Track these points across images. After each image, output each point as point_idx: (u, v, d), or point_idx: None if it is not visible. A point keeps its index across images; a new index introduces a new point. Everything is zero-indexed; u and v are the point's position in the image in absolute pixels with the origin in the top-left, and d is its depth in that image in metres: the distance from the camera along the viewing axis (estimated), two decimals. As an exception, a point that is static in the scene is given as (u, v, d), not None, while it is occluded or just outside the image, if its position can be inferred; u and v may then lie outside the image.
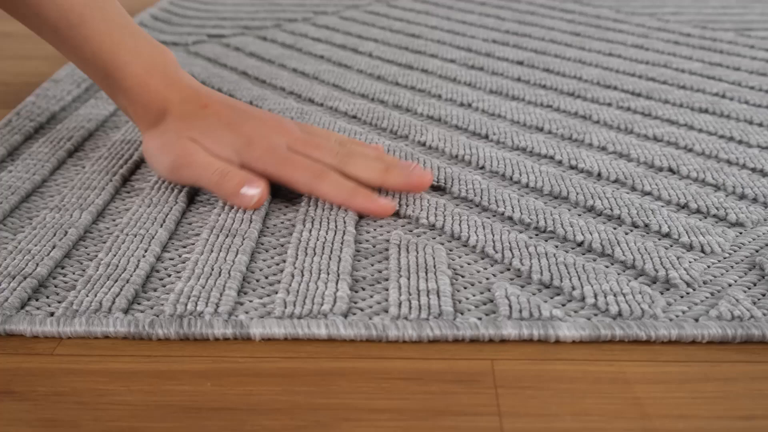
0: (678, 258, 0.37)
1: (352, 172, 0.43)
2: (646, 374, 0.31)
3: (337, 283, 0.35)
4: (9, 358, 0.32)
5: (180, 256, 0.39)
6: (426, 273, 0.36)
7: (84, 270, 0.37)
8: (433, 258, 0.37)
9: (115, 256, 0.38)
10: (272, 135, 0.44)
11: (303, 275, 0.36)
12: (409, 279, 0.36)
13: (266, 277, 0.37)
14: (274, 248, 0.39)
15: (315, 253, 0.38)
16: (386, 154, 0.47)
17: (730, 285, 0.36)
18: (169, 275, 0.37)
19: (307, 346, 0.32)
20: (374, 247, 0.39)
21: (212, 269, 0.36)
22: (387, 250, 0.39)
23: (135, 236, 0.39)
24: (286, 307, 0.34)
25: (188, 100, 0.45)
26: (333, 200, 0.42)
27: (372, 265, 0.38)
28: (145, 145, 0.46)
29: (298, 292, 0.35)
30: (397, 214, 0.42)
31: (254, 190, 0.42)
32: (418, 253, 0.38)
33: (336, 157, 0.44)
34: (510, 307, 0.34)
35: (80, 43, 0.45)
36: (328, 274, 0.36)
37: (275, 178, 0.43)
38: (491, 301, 0.35)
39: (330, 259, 0.37)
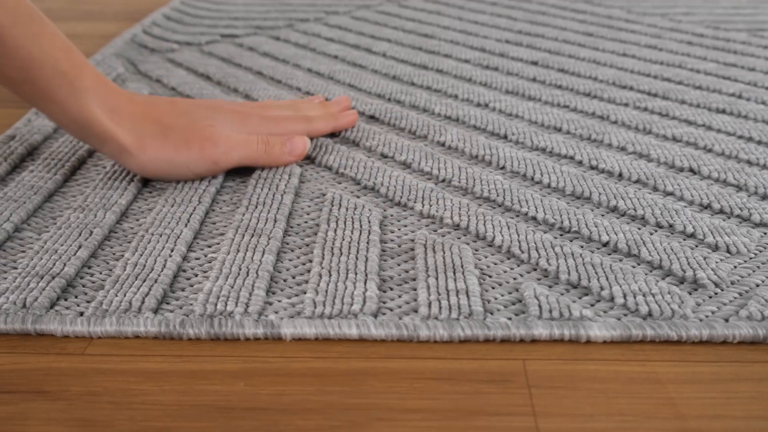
0: (705, 258, 0.37)
1: (312, 113, 0.52)
2: (678, 374, 0.31)
3: (365, 283, 0.35)
4: (40, 357, 0.32)
5: (206, 256, 0.39)
6: (454, 273, 0.36)
7: (111, 270, 0.37)
8: (460, 258, 0.37)
9: (141, 255, 0.38)
10: (239, 107, 0.49)
11: (331, 275, 0.36)
12: (437, 279, 0.36)
13: (293, 277, 0.37)
14: (300, 248, 0.39)
15: (342, 253, 0.38)
16: (304, 100, 0.55)
17: (757, 285, 0.36)
18: (196, 275, 0.37)
19: (337, 346, 0.32)
20: (399, 246, 0.39)
21: (240, 269, 0.36)
22: (413, 249, 0.39)
23: (160, 236, 0.39)
24: (316, 307, 0.34)
25: (155, 101, 0.47)
26: (325, 129, 0.52)
27: (398, 265, 0.38)
28: (150, 165, 0.44)
29: (327, 292, 0.35)
30: (420, 214, 0.42)
31: (299, 141, 0.48)
32: (444, 253, 0.38)
33: (299, 114, 0.51)
34: (540, 307, 0.34)
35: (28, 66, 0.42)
36: (356, 274, 0.36)
37: (278, 132, 0.49)
38: (520, 301, 0.35)
39: (357, 258, 0.37)
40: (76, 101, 0.42)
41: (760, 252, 0.39)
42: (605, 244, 0.39)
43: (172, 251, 0.38)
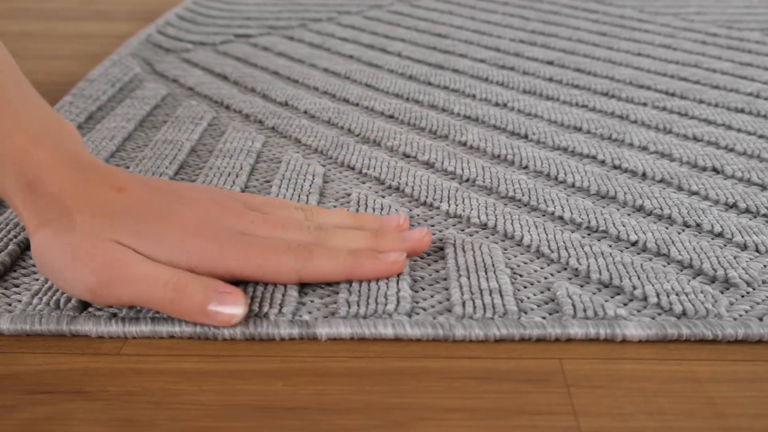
0: (735, 257, 0.37)
1: (338, 244, 0.36)
2: (715, 373, 0.31)
3: (398, 283, 0.35)
4: (77, 358, 0.32)
5: (235, 256, 0.38)
6: (486, 272, 0.36)
7: (141, 270, 0.37)
8: (491, 257, 0.37)
9: (171, 255, 0.38)
10: (221, 219, 0.35)
11: (362, 275, 0.36)
12: (469, 278, 0.36)
13: (324, 277, 0.37)
14: (328, 248, 0.39)
15: (371, 253, 0.38)
16: (354, 213, 0.40)
17: (789, 284, 0.36)
18: (227, 275, 0.37)
19: (373, 346, 0.32)
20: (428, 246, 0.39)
21: (271, 269, 0.36)
22: (442, 249, 0.39)
23: (189, 236, 0.39)
24: (350, 307, 0.34)
25: (95, 181, 0.34)
26: (334, 276, 0.35)
27: (428, 265, 0.38)
28: (39, 253, 0.33)
29: (359, 292, 0.35)
30: (446, 213, 0.42)
31: (231, 307, 0.32)
32: (474, 252, 0.38)
33: (311, 234, 0.36)
34: (573, 306, 0.34)
35: None
36: (388, 273, 0.36)
37: (249, 276, 0.34)
38: (552, 300, 0.35)
39: (387, 258, 0.37)
40: None
41: (789, 251, 0.39)
42: (634, 244, 0.39)
43: (201, 251, 0.38)
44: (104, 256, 0.32)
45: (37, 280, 0.36)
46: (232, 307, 0.32)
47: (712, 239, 0.40)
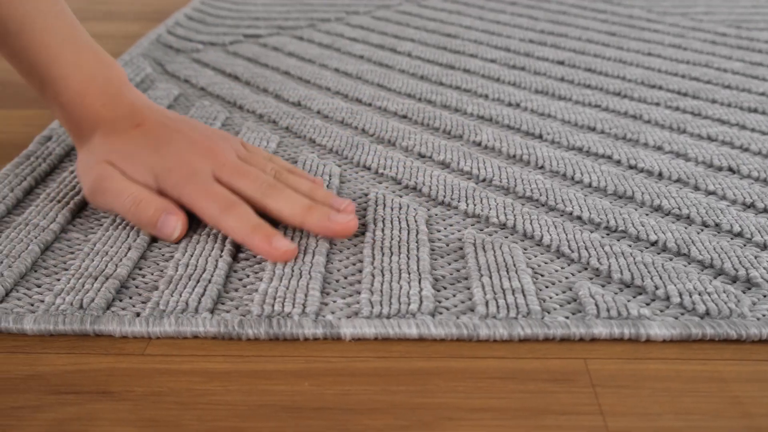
0: (756, 257, 0.37)
1: (271, 205, 0.40)
2: (741, 373, 0.31)
3: (420, 282, 0.35)
4: (101, 358, 0.32)
5: (254, 257, 0.38)
6: (507, 272, 0.36)
7: (162, 270, 0.37)
8: (511, 257, 0.37)
9: (192, 256, 0.38)
10: (197, 159, 0.41)
11: (384, 275, 0.36)
12: (491, 278, 0.36)
13: (345, 278, 0.37)
14: (348, 248, 0.39)
15: (392, 253, 0.38)
16: (323, 189, 0.42)
17: (810, 284, 0.36)
18: (248, 275, 0.37)
19: (397, 346, 0.32)
20: (448, 246, 0.39)
21: (292, 270, 0.36)
22: (461, 249, 0.39)
23: (208, 236, 0.39)
24: (373, 307, 0.34)
25: (122, 118, 0.43)
26: (233, 236, 0.39)
27: (449, 264, 0.38)
28: (77, 164, 0.44)
29: (382, 291, 0.35)
30: (465, 213, 0.43)
31: (172, 222, 0.39)
32: (495, 252, 0.38)
33: (260, 188, 0.40)
34: (597, 306, 0.34)
35: (18, 52, 0.42)
36: (409, 273, 0.36)
37: (188, 208, 0.40)
38: (574, 300, 0.35)
39: (408, 258, 0.37)
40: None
41: (809, 251, 0.39)
42: (654, 244, 0.39)
43: (221, 251, 0.38)
44: (97, 171, 0.41)
45: (58, 280, 0.36)
46: (172, 221, 0.39)
47: (732, 239, 0.40)
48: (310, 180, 0.43)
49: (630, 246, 0.39)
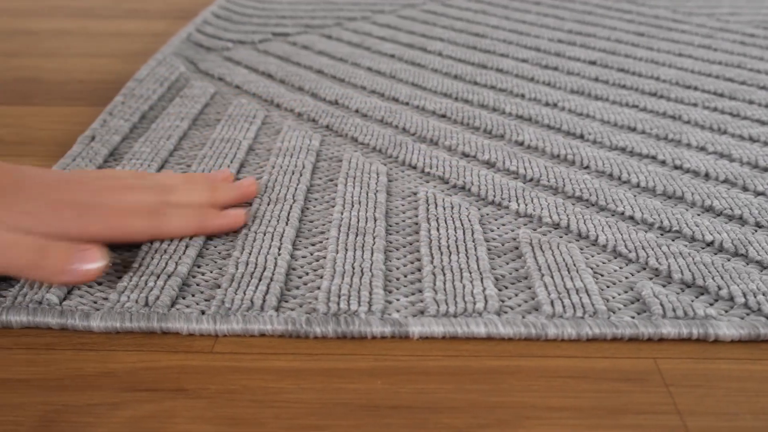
0: (815, 258, 0.37)
1: (182, 199, 0.39)
2: (812, 373, 0.31)
3: (482, 282, 0.35)
4: (170, 356, 0.32)
5: (312, 254, 0.39)
6: (568, 272, 0.36)
7: (221, 268, 0.37)
8: (570, 257, 0.37)
9: (250, 254, 0.38)
10: (77, 193, 0.37)
11: (445, 274, 0.36)
12: (552, 277, 0.36)
13: (405, 276, 0.37)
14: (404, 246, 0.39)
15: (450, 252, 0.38)
16: (183, 174, 0.43)
17: None
18: (307, 273, 0.37)
19: (465, 345, 0.33)
20: (503, 245, 0.39)
21: (353, 268, 0.36)
22: (517, 248, 0.39)
23: (264, 234, 0.39)
24: (439, 306, 0.34)
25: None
26: (185, 232, 0.38)
27: (507, 264, 0.38)
28: None
29: (445, 290, 0.35)
30: (516, 213, 0.43)
31: (91, 263, 0.34)
32: (553, 251, 0.38)
33: (155, 193, 0.39)
34: (662, 306, 0.34)
35: None
36: (470, 272, 0.36)
37: (105, 237, 0.36)
38: (637, 300, 0.35)
39: (468, 257, 0.37)
40: None
41: None
42: (710, 244, 0.39)
43: (279, 249, 0.38)
44: None
45: (119, 278, 0.36)
46: (92, 263, 0.34)
47: (787, 239, 0.40)
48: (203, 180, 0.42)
49: (686, 246, 0.39)
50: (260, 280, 0.35)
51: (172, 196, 0.39)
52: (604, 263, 0.38)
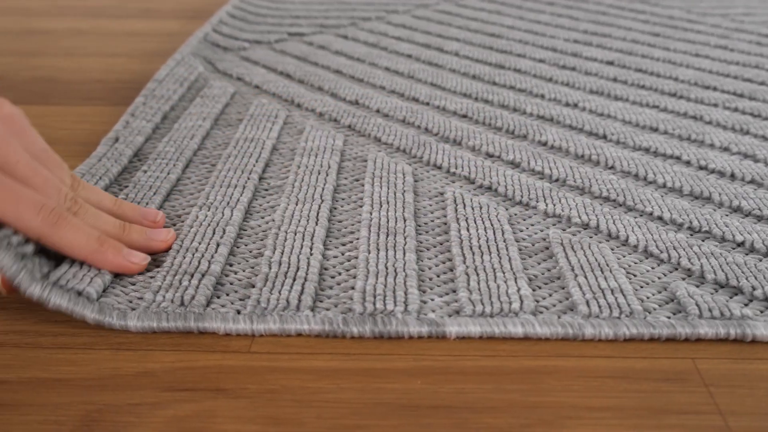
0: None
1: (88, 218, 0.37)
2: None
3: (516, 282, 0.35)
4: (208, 355, 0.32)
5: (343, 254, 0.39)
6: (602, 272, 0.36)
7: (253, 267, 0.37)
8: (603, 257, 0.37)
9: (282, 254, 0.38)
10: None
11: (478, 274, 0.36)
12: (586, 278, 0.36)
13: (437, 276, 0.37)
14: (434, 246, 0.39)
15: (482, 252, 0.38)
16: (116, 199, 0.40)
17: None
18: (340, 273, 0.37)
19: (502, 345, 0.32)
20: (533, 245, 0.39)
21: (386, 268, 0.36)
22: (547, 248, 0.39)
23: (295, 234, 0.39)
24: (475, 306, 0.34)
25: None
26: (75, 253, 0.35)
27: (538, 264, 0.38)
28: None
29: (480, 290, 0.35)
30: (545, 213, 0.43)
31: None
32: (584, 251, 0.38)
33: (65, 201, 0.36)
34: (698, 306, 0.34)
35: None
36: (504, 272, 0.36)
37: None
38: (672, 300, 0.35)
39: (500, 257, 0.37)
40: None
41: None
42: (740, 244, 0.39)
43: (311, 249, 0.38)
44: None
45: (153, 278, 0.36)
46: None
47: (817, 240, 0.40)
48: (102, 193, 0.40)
49: (717, 246, 0.39)
50: (294, 279, 0.35)
51: (80, 214, 0.36)
52: (635, 263, 0.38)
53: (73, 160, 0.50)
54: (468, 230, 0.40)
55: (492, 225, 0.41)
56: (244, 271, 0.37)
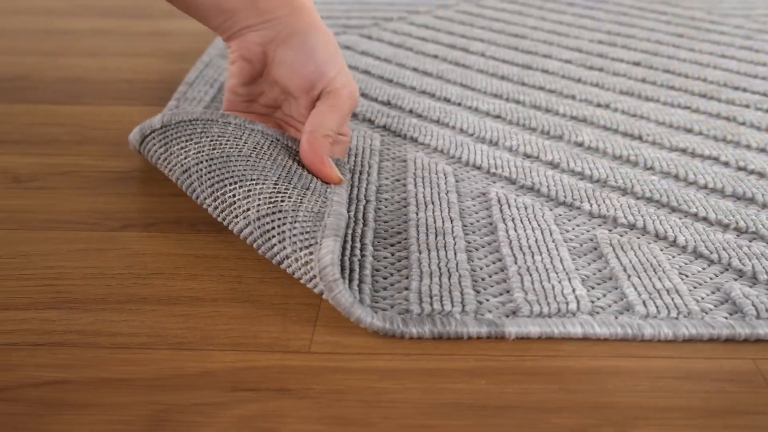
0: None
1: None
2: None
3: (570, 282, 0.35)
4: (268, 355, 0.32)
5: (393, 255, 0.39)
6: (655, 272, 0.36)
7: (304, 268, 0.37)
8: (654, 258, 0.37)
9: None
10: None
11: (531, 274, 0.36)
12: (640, 278, 0.36)
13: (489, 276, 0.37)
14: (483, 247, 0.39)
15: (533, 252, 0.38)
16: None
17: None
18: (392, 274, 0.37)
19: (562, 345, 0.32)
20: (581, 246, 0.39)
21: (439, 268, 0.36)
22: (596, 249, 0.39)
23: (345, 235, 0.39)
24: (532, 307, 0.34)
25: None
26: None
27: (589, 264, 0.38)
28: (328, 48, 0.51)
29: (535, 291, 0.35)
30: (590, 214, 0.42)
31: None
32: (635, 252, 0.38)
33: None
34: (755, 307, 0.34)
35: None
36: (557, 273, 0.36)
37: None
38: (726, 300, 0.35)
39: (551, 258, 0.37)
40: None
41: None
42: (789, 245, 0.39)
43: (362, 250, 0.38)
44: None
45: (205, 277, 0.36)
46: None
47: None
48: None
49: (765, 247, 0.39)
50: (350, 282, 0.35)
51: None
52: (686, 264, 0.38)
53: (108, 160, 0.50)
54: (516, 230, 0.40)
55: (539, 225, 0.41)
56: (295, 271, 0.37)
